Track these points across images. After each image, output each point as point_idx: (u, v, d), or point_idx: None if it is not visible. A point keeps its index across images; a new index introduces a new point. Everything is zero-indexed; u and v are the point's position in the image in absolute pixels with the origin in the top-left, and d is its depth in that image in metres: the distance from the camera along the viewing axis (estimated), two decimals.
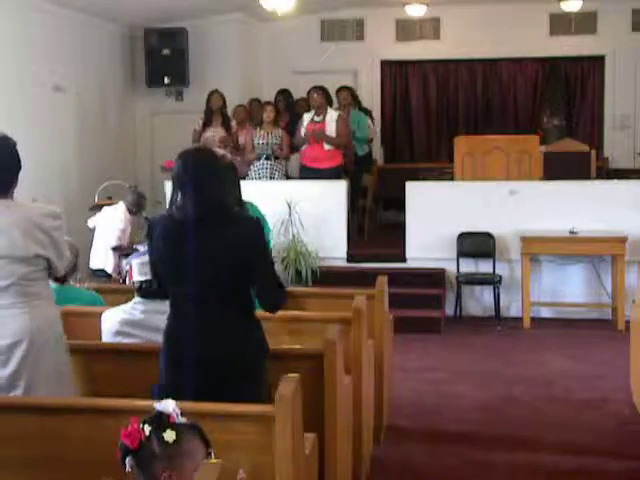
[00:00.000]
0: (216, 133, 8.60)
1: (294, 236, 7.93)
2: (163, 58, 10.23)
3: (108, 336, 3.62)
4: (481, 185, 8.09)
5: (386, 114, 11.70)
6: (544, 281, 7.97)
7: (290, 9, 8.86)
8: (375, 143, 10.52)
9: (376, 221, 10.20)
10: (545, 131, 10.84)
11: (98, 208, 7.86)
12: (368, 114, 9.81)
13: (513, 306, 7.99)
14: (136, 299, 3.58)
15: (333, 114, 8.37)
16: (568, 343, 7.10)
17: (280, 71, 10.99)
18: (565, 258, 7.92)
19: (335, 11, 11.21)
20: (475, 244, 7.92)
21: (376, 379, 4.52)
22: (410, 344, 6.73)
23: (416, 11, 10.74)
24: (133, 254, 3.87)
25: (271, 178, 8.38)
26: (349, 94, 9.40)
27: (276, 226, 7.54)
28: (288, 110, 9.68)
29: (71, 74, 9.14)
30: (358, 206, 9.30)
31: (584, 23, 10.93)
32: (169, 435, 2.05)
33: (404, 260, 8.17)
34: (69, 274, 4.17)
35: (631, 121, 11.09)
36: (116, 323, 3.58)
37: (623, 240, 7.47)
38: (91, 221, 7.64)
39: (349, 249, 8.33)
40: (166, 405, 2.11)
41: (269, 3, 8.73)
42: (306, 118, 8.43)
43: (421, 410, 5.33)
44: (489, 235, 7.90)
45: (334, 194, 8.23)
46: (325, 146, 8.25)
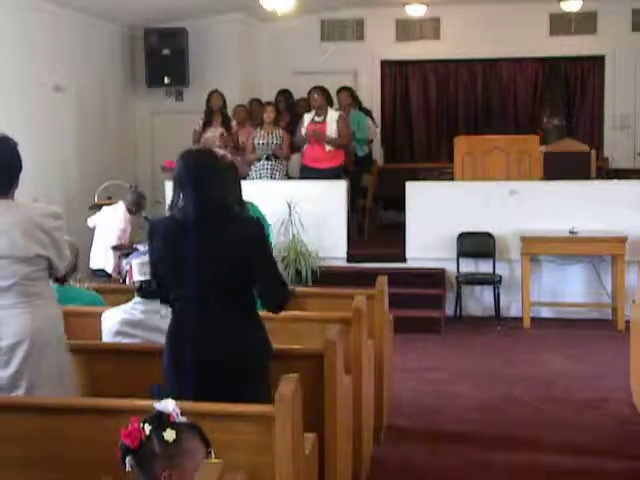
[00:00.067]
0: (216, 132, 8.60)
1: (294, 236, 7.93)
2: (163, 58, 10.22)
3: (108, 336, 3.62)
4: (481, 185, 8.09)
5: (386, 114, 11.69)
6: (544, 281, 7.97)
7: (290, 9, 8.86)
8: (375, 143, 10.50)
9: (376, 221, 10.19)
10: (545, 131, 10.83)
11: (98, 208, 7.86)
12: (368, 114, 9.81)
13: (513, 306, 7.99)
14: (136, 299, 3.59)
15: (334, 114, 8.37)
16: (568, 343, 7.10)
17: (280, 71, 10.98)
18: (565, 258, 7.92)
19: (335, 11, 11.20)
20: (475, 244, 7.92)
21: (376, 379, 4.52)
22: (410, 344, 6.73)
23: (416, 11, 10.74)
24: (133, 254, 3.88)
25: (272, 178, 8.38)
26: (349, 94, 9.39)
27: (276, 226, 7.53)
28: (289, 110, 9.67)
29: (71, 74, 9.13)
30: (358, 206, 9.30)
31: (584, 23, 10.93)
32: (169, 434, 2.05)
33: (404, 260, 8.17)
34: (69, 274, 4.17)
35: (631, 121, 11.09)
36: (116, 323, 3.59)
37: (623, 240, 7.47)
38: (91, 220, 7.64)
39: (349, 249, 8.33)
40: (166, 405, 2.11)
41: (269, 3, 8.73)
42: (307, 118, 8.42)
43: (421, 410, 5.33)
44: (489, 235, 7.90)
45: (334, 194, 8.23)
46: (326, 146, 8.26)
